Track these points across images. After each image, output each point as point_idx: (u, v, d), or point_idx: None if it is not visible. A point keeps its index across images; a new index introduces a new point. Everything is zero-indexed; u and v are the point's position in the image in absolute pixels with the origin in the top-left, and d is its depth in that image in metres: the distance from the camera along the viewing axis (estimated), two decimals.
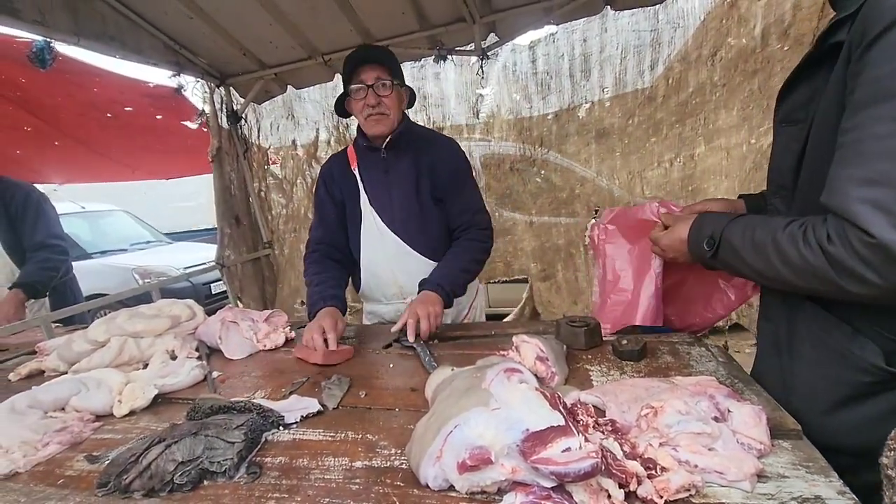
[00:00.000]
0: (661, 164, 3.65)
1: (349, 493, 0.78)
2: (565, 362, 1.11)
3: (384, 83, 1.54)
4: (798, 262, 0.78)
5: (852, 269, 0.71)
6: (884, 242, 0.66)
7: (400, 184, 1.66)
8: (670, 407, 0.79)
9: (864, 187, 0.69)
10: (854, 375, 0.81)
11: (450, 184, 1.66)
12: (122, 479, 0.83)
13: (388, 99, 1.56)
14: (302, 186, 3.73)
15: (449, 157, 1.68)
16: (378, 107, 1.55)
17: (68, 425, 1.04)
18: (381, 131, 1.60)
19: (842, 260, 0.71)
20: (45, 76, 3.01)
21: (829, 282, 0.75)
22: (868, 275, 0.69)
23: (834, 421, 0.85)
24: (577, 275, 3.81)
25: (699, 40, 3.40)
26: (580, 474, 0.64)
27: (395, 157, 1.66)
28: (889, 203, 0.66)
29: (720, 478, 0.71)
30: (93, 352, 1.40)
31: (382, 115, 1.57)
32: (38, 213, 2.54)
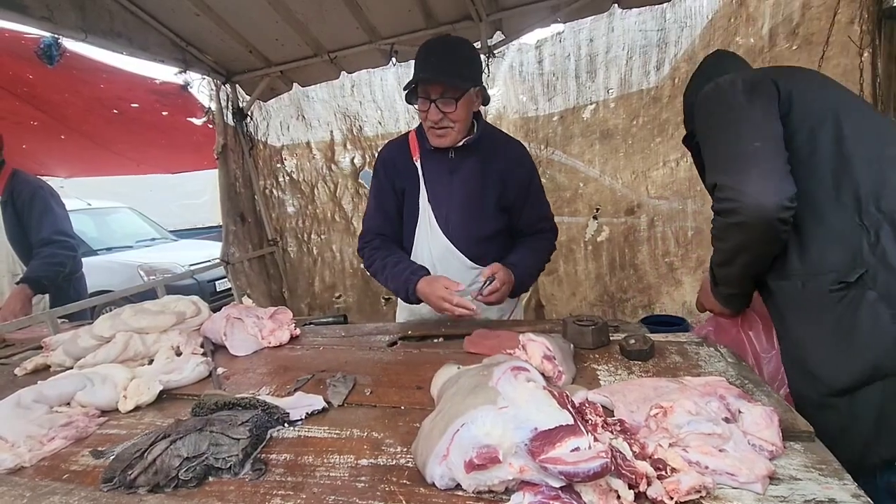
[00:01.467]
0: (666, 163, 3.64)
1: (355, 490, 0.77)
2: (573, 361, 1.10)
3: (449, 100, 1.43)
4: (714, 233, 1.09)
5: (722, 208, 1.01)
6: (722, 183, 1.01)
7: (464, 188, 1.58)
8: (680, 407, 0.78)
9: (711, 172, 1.08)
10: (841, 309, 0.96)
11: (520, 194, 1.61)
12: (128, 474, 0.83)
13: (455, 113, 1.46)
14: (325, 190, 3.78)
15: (520, 166, 1.61)
16: (442, 121, 1.47)
17: (73, 420, 1.04)
18: (444, 143, 1.53)
19: (717, 208, 1.03)
20: (53, 72, 3.02)
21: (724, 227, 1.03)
22: (729, 205, 0.99)
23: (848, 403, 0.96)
24: (576, 269, 3.88)
25: (706, 40, 3.38)
26: (590, 474, 0.63)
27: (462, 159, 1.58)
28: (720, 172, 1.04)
29: (731, 479, 0.70)
30: (98, 347, 1.40)
31: (446, 129, 1.49)
32: (45, 209, 2.53)
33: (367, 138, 3.58)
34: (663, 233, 3.70)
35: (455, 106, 1.44)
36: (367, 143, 3.59)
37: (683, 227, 3.66)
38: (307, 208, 3.86)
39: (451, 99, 1.43)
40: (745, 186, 0.96)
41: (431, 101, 1.44)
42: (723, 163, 1.05)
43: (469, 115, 1.52)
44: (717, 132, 1.11)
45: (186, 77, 3.05)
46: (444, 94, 1.43)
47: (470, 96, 1.48)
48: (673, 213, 3.66)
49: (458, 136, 1.51)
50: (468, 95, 1.47)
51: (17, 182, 2.52)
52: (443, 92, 1.43)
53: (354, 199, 3.80)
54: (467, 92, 1.46)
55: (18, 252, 2.52)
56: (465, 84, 1.45)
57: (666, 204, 3.66)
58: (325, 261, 4.06)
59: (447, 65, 1.43)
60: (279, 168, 3.76)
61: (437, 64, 1.44)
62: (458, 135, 1.51)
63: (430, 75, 1.43)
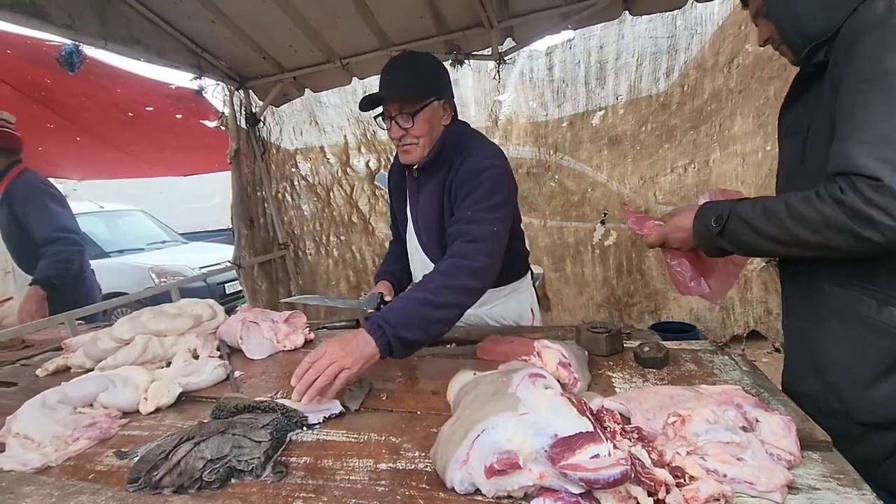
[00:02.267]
0: (674, 169, 3.66)
1: (375, 494, 0.79)
2: (587, 368, 1.11)
3: (406, 116, 1.40)
4: (814, 216, 0.85)
5: (864, 212, 0.79)
6: (889, 184, 0.76)
7: (426, 206, 1.56)
8: (698, 415, 0.79)
9: (865, 147, 0.81)
10: (889, 344, 0.89)
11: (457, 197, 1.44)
12: (153, 475, 0.85)
13: (415, 128, 1.42)
14: (341, 193, 3.86)
15: (464, 170, 1.43)
16: (404, 138, 1.44)
17: (97, 421, 1.06)
18: (410, 161, 1.49)
19: (855, 206, 0.80)
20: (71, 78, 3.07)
21: (845, 230, 0.82)
22: (879, 216, 0.78)
23: (876, 393, 0.91)
24: (583, 269, 3.94)
25: (716, 47, 3.39)
26: (610, 481, 0.64)
27: (426, 178, 1.55)
28: (890, 155, 0.78)
29: (750, 488, 0.70)
30: (117, 349, 1.42)
31: (410, 146, 1.45)
32: (41, 207, 2.50)
33: (381, 142, 3.63)
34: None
35: (412, 121, 1.40)
36: (381, 146, 3.63)
37: None
38: (324, 211, 3.94)
39: (408, 115, 1.39)
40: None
41: (392, 118, 1.42)
42: None
43: (433, 127, 1.45)
44: None
45: (201, 82, 3.10)
46: (401, 111, 1.40)
47: (432, 109, 1.42)
48: None
49: (424, 150, 1.46)
50: (429, 109, 1.41)
51: (18, 182, 2.52)
52: (400, 108, 1.40)
53: (371, 200, 3.87)
54: (427, 106, 1.40)
55: (11, 251, 2.53)
56: (421, 97, 1.40)
57: (672, 207, 3.66)
58: (346, 262, 4.14)
59: (402, 80, 1.40)
60: (294, 172, 3.82)
61: (391, 80, 1.41)
62: (424, 150, 1.46)
63: (384, 92, 1.41)
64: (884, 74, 0.82)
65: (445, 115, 1.49)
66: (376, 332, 1.10)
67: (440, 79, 1.48)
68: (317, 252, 4.06)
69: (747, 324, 3.82)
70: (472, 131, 1.57)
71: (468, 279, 1.21)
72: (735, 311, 3.82)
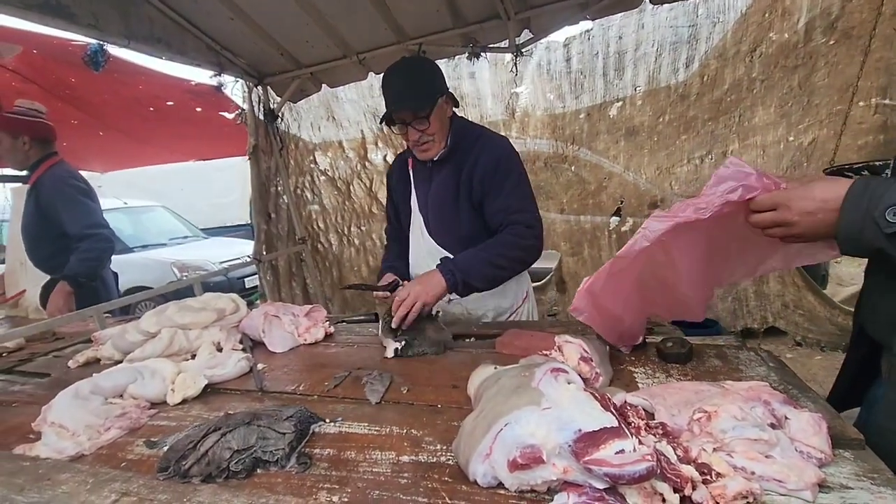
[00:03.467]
0: (691, 160, 3.60)
1: (398, 486, 0.79)
2: (609, 363, 1.10)
3: (421, 119, 1.55)
4: None
5: None
6: None
7: (439, 192, 1.68)
8: (725, 412, 0.77)
9: None
10: None
11: (485, 186, 1.61)
12: (182, 464, 0.87)
13: (430, 128, 1.58)
14: (360, 186, 3.95)
15: (487, 159, 1.60)
16: (421, 139, 1.59)
17: (127, 411, 1.09)
18: (429, 156, 1.65)
19: None
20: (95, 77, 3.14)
21: None
22: None
23: None
24: (600, 253, 3.94)
25: (738, 35, 3.30)
26: (635, 477, 0.64)
27: (439, 168, 1.68)
28: None
29: (779, 486, 0.69)
30: (145, 342, 1.46)
31: (428, 144, 1.61)
32: (74, 203, 2.47)
33: (396, 136, 3.65)
34: None
35: (428, 122, 1.56)
36: (398, 140, 3.66)
37: None
38: (344, 204, 4.03)
39: (423, 118, 1.55)
40: None
41: (407, 124, 1.57)
42: None
43: (444, 122, 1.63)
44: None
45: (220, 79, 3.14)
46: (415, 116, 1.55)
47: (440, 108, 1.58)
48: None
49: (440, 144, 1.63)
50: (438, 108, 1.57)
51: (49, 174, 2.48)
52: (414, 115, 1.54)
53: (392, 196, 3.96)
54: (436, 105, 1.56)
55: (27, 241, 2.49)
56: (431, 100, 1.55)
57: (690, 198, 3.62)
58: (366, 249, 4.23)
59: (411, 90, 1.55)
60: (313, 167, 3.87)
61: (402, 92, 1.56)
62: (440, 144, 1.63)
63: (399, 106, 1.55)
64: None
65: (449, 108, 1.65)
66: (449, 274, 1.44)
67: (439, 77, 1.63)
68: (339, 243, 4.18)
69: (765, 318, 3.75)
70: (472, 122, 1.78)
71: (521, 252, 1.55)
72: (749, 303, 3.75)
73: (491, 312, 1.74)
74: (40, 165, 2.49)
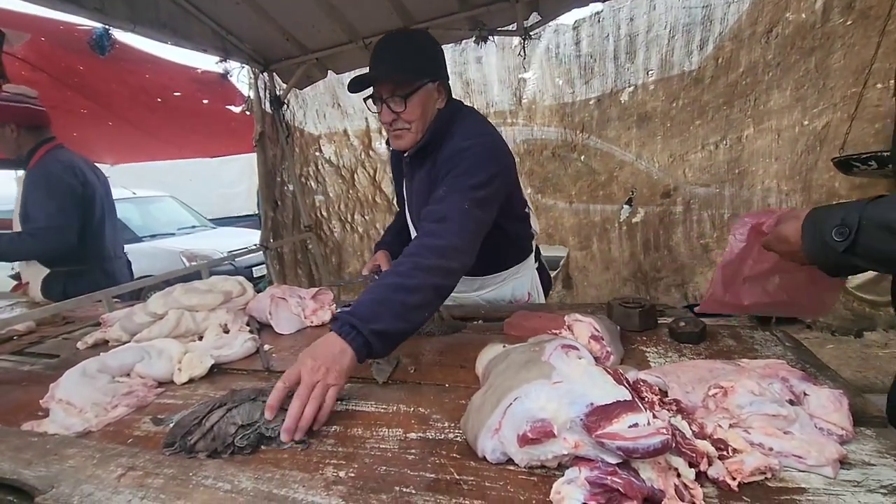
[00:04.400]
0: (705, 146, 3.53)
1: (406, 462, 0.78)
2: (620, 343, 1.08)
3: (398, 98, 1.31)
4: None
5: None
6: None
7: (417, 194, 1.51)
8: (742, 387, 0.75)
9: None
10: None
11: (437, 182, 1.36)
12: (187, 439, 0.86)
13: (407, 112, 1.33)
14: (364, 175, 3.94)
15: (445, 153, 1.35)
16: (395, 122, 1.36)
17: (134, 389, 1.09)
18: (401, 147, 1.43)
19: None
20: (102, 64, 3.15)
21: None
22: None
23: None
24: (610, 246, 3.88)
25: (754, 16, 3.22)
26: (650, 450, 0.62)
27: (417, 164, 1.49)
28: None
29: (798, 462, 0.67)
30: (152, 324, 1.46)
31: (401, 131, 1.38)
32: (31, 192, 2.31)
33: None
34: (699, 216, 3.62)
35: (405, 104, 1.31)
36: None
37: (720, 211, 3.56)
38: (349, 193, 4.01)
39: (400, 98, 1.30)
40: None
41: (383, 101, 1.33)
42: None
43: (426, 113, 1.37)
44: None
45: (226, 66, 3.13)
46: (393, 93, 1.31)
47: (426, 92, 1.33)
48: (710, 198, 3.57)
49: (416, 136, 1.38)
50: (423, 91, 1.32)
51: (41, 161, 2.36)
52: (392, 90, 1.31)
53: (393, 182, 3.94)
54: (421, 88, 1.32)
55: None
56: (415, 79, 1.31)
57: (703, 188, 3.57)
58: (370, 237, 4.22)
59: (395, 60, 1.30)
60: (318, 155, 3.86)
61: (384, 60, 1.31)
62: (416, 135, 1.38)
63: (375, 73, 1.31)
64: None
65: (440, 98, 1.40)
66: (348, 333, 0.97)
67: (435, 58, 1.39)
68: (342, 230, 4.18)
69: None
70: (464, 111, 1.47)
71: (439, 259, 1.12)
72: None
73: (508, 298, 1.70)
74: (36, 152, 2.38)
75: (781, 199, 3.42)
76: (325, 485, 0.74)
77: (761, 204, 3.47)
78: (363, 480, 0.74)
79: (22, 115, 2.35)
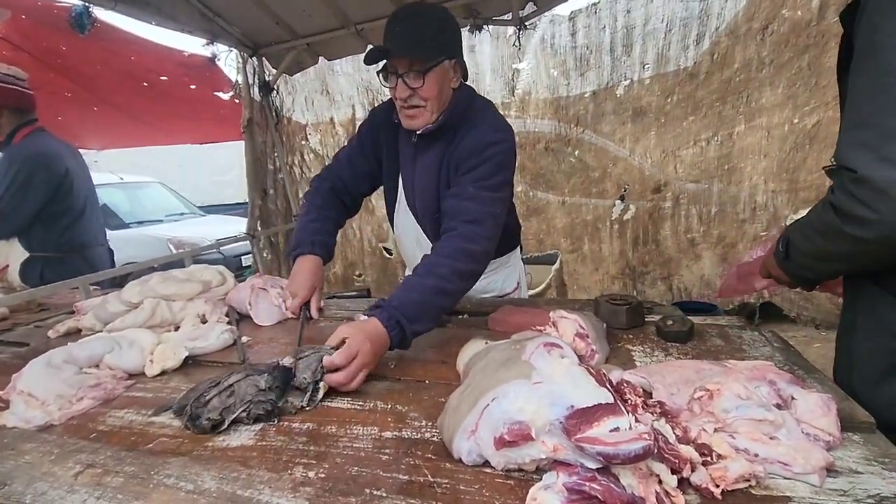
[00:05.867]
0: (697, 142, 3.53)
1: (379, 462, 0.75)
2: (606, 341, 1.05)
3: (416, 73, 1.25)
4: (818, 224, 0.81)
5: (850, 210, 0.72)
6: (866, 175, 0.68)
7: (423, 177, 1.45)
8: (728, 390, 0.72)
9: (851, 132, 0.73)
10: None
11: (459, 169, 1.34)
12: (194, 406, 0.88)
13: (424, 89, 1.27)
14: None
15: (470, 141, 1.33)
16: (410, 99, 1.30)
17: (102, 382, 1.05)
18: (414, 126, 1.35)
19: (841, 205, 0.73)
20: (84, 44, 3.04)
21: (839, 233, 0.76)
22: (861, 212, 0.70)
23: (883, 392, 0.83)
24: (601, 247, 3.87)
25: (751, 11, 3.19)
26: (630, 456, 0.59)
27: (425, 146, 1.42)
28: (871, 140, 0.69)
29: (784, 469, 0.64)
30: (126, 313, 1.41)
31: (416, 109, 1.32)
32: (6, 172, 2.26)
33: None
34: (687, 211, 3.63)
35: (423, 80, 1.26)
36: None
37: (708, 207, 3.57)
38: None
39: (419, 73, 1.25)
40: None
41: (398, 76, 1.27)
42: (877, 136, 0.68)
43: (443, 92, 1.32)
44: (884, 67, 0.68)
45: (214, 49, 3.04)
46: (411, 68, 1.25)
47: (443, 69, 1.29)
48: (699, 193, 3.58)
49: (431, 116, 1.33)
50: (440, 69, 1.28)
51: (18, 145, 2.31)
52: (410, 65, 1.25)
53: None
54: (438, 65, 1.27)
55: None
56: (434, 55, 1.26)
57: (693, 184, 3.57)
58: (346, 238, 4.12)
59: (414, 34, 1.24)
60: (304, 145, 3.78)
61: (402, 34, 1.25)
62: (431, 115, 1.33)
63: (393, 47, 1.25)
64: (874, 50, 0.70)
65: (455, 78, 1.36)
66: (393, 328, 1.06)
67: (454, 36, 1.34)
68: None
69: (761, 294, 3.70)
70: (481, 99, 1.45)
71: (474, 264, 1.19)
72: None
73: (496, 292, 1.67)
74: (16, 134, 2.33)
75: (768, 196, 3.41)
76: (292, 486, 0.71)
77: (748, 200, 3.48)
78: (333, 482, 0.71)
79: (8, 96, 2.30)
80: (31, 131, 2.35)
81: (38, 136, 2.37)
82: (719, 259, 3.64)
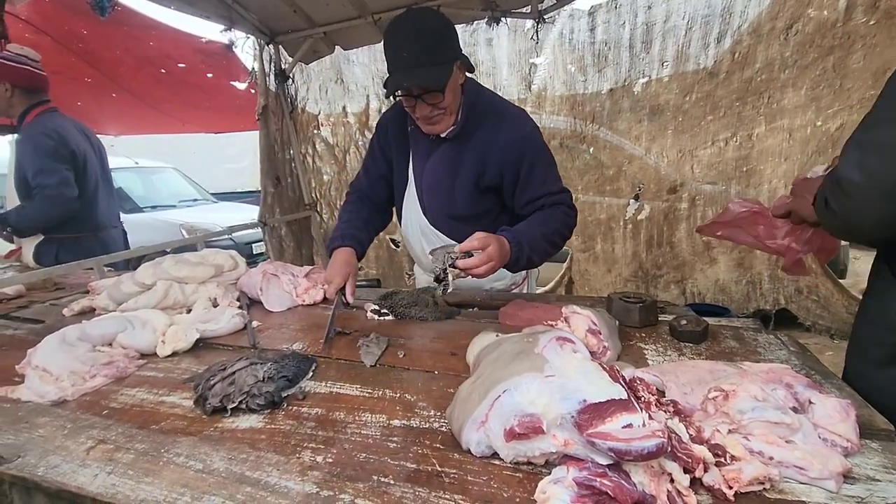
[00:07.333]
0: (715, 142, 3.46)
1: (387, 450, 0.75)
2: (618, 338, 1.04)
3: (435, 93, 1.29)
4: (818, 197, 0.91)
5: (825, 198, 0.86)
6: (841, 176, 0.81)
7: (436, 169, 1.48)
8: (744, 391, 0.71)
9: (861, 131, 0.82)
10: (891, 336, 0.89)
11: (510, 172, 1.40)
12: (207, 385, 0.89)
13: (443, 101, 1.32)
14: (355, 156, 3.83)
15: (508, 141, 1.38)
16: (431, 112, 1.33)
17: (114, 360, 1.06)
18: (439, 131, 1.40)
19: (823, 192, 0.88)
20: (105, 28, 3.07)
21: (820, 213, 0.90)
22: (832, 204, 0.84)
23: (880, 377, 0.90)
24: (613, 246, 3.81)
25: (775, 10, 3.12)
26: (643, 453, 0.58)
27: (439, 143, 1.46)
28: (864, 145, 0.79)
29: (800, 473, 0.63)
30: (140, 294, 1.42)
31: (438, 116, 1.36)
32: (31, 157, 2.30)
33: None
34: (703, 213, 3.56)
35: (443, 95, 1.29)
36: None
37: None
38: (340, 175, 3.91)
39: (437, 92, 1.28)
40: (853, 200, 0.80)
41: (415, 97, 1.29)
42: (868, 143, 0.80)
43: (457, 92, 1.37)
44: None
45: (231, 36, 3.05)
46: (428, 90, 1.28)
47: (455, 76, 1.32)
48: (715, 195, 3.51)
49: (452, 118, 1.38)
50: (453, 77, 1.30)
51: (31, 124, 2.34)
52: (427, 87, 1.28)
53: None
54: (451, 75, 1.29)
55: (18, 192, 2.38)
56: (447, 68, 1.28)
57: (709, 185, 3.51)
58: None
59: (422, 57, 1.25)
60: (316, 134, 3.78)
61: (412, 61, 1.25)
62: (452, 116, 1.38)
63: (406, 76, 1.26)
64: None
65: (462, 74, 1.38)
66: (517, 248, 1.25)
67: (454, 36, 1.35)
68: (331, 217, 4.06)
69: (777, 301, 3.64)
70: (484, 89, 1.49)
71: (569, 233, 1.43)
72: (763, 285, 3.64)
73: (505, 282, 1.66)
74: (28, 115, 2.35)
75: None
76: (300, 469, 0.71)
77: (767, 204, 3.41)
78: (340, 467, 0.71)
79: (20, 76, 2.31)
80: (43, 111, 2.37)
81: (49, 115, 2.39)
82: (735, 264, 3.58)
